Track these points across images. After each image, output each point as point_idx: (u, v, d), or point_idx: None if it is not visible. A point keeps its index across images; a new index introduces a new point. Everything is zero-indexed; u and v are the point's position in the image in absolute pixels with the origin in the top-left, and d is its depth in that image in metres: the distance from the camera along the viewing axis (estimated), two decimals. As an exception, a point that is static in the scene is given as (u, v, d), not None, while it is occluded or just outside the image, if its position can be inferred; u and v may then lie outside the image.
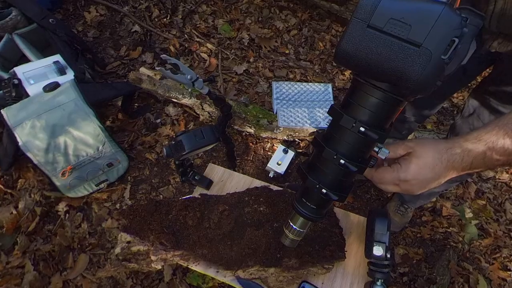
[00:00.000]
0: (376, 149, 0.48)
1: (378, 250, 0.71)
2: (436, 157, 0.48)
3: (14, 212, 1.33)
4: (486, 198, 1.67)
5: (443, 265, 1.42)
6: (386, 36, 0.37)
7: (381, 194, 1.62)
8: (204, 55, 1.96)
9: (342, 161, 0.45)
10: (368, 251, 0.72)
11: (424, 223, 1.56)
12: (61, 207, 1.39)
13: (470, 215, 1.60)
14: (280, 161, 1.54)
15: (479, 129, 0.50)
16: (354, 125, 0.43)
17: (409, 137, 1.49)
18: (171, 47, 1.94)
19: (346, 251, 0.77)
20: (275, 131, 1.62)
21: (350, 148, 0.45)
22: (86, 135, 1.33)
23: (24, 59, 1.55)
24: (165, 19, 2.06)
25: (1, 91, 1.36)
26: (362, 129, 0.42)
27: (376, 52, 0.38)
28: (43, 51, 1.63)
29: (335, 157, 0.45)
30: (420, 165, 0.48)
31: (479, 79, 1.15)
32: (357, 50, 0.39)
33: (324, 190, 0.47)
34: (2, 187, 1.39)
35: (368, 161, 0.47)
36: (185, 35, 2.02)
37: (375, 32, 0.37)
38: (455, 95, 2.04)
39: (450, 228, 1.55)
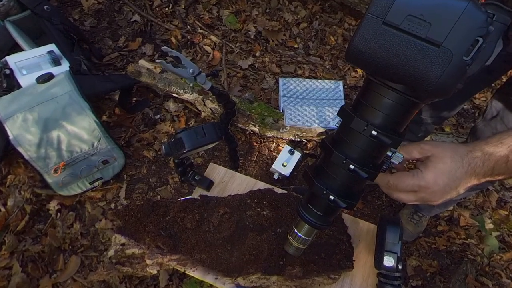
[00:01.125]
0: (389, 153, 0.48)
1: (389, 261, 0.71)
2: (456, 161, 0.48)
3: (3, 209, 1.35)
4: (508, 208, 1.66)
5: (459, 280, 1.41)
6: (403, 34, 0.37)
7: (393, 200, 1.62)
8: (208, 48, 1.97)
9: (351, 167, 0.44)
10: (378, 262, 0.73)
11: (439, 233, 1.55)
12: (53, 205, 1.41)
13: (491, 226, 1.59)
14: (285, 162, 1.54)
15: (502, 132, 0.49)
16: (365, 128, 0.42)
17: (426, 140, 1.49)
18: (173, 39, 1.95)
19: (354, 261, 0.77)
20: (281, 130, 1.62)
21: (361, 153, 0.45)
22: (81, 130, 1.35)
23: (17, 48, 1.57)
24: (166, 9, 2.07)
25: (-7, 82, 1.38)
26: (374, 132, 0.42)
27: (392, 51, 0.37)
28: (37, 40, 1.65)
29: (344, 161, 0.45)
30: (441, 169, 0.48)
31: (504, 78, 1.14)
32: (370, 48, 0.38)
33: (331, 197, 0.47)
34: (-9, 182, 1.41)
35: (380, 167, 0.47)
36: (188, 26, 2.03)
37: (391, 29, 0.37)
38: (477, 95, 2.02)
39: (468, 239, 1.54)
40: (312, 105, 1.72)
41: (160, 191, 1.51)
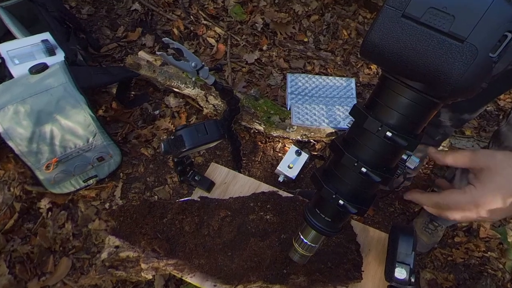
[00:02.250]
0: (404, 157, 0.47)
1: (400, 273, 0.71)
2: None
3: (-8, 206, 1.37)
4: (532, 220, 1.64)
5: (477, 295, 1.40)
6: (423, 28, 0.36)
7: (407, 207, 1.61)
8: (212, 40, 1.97)
9: (363, 170, 0.44)
10: (389, 273, 0.72)
11: (457, 244, 1.54)
12: (44, 203, 1.42)
13: (513, 238, 1.57)
14: (291, 164, 1.53)
15: None
16: (380, 129, 0.42)
17: (443, 144, 1.47)
18: (175, 30, 1.96)
19: (363, 271, 0.77)
20: (287, 129, 1.62)
21: (374, 155, 0.45)
22: (75, 125, 1.36)
23: (9, 36, 1.58)
24: (169, -3, 2.07)
25: (-16, 71, 1.40)
26: (389, 134, 0.42)
27: (411, 46, 0.37)
28: (31, 28, 1.66)
29: (356, 164, 0.45)
30: (499, 183, 0.46)
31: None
32: (388, 43, 0.38)
33: (341, 202, 0.47)
34: (-20, 178, 1.43)
35: (394, 171, 0.47)
36: (191, 17, 2.03)
37: (410, 23, 0.37)
38: (501, 96, 2.00)
39: (489, 252, 1.52)
40: (321, 104, 1.71)
41: (158, 191, 1.52)
